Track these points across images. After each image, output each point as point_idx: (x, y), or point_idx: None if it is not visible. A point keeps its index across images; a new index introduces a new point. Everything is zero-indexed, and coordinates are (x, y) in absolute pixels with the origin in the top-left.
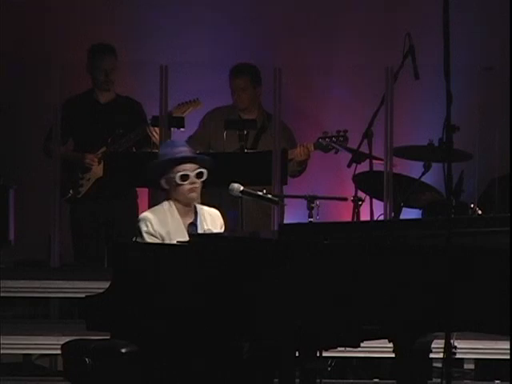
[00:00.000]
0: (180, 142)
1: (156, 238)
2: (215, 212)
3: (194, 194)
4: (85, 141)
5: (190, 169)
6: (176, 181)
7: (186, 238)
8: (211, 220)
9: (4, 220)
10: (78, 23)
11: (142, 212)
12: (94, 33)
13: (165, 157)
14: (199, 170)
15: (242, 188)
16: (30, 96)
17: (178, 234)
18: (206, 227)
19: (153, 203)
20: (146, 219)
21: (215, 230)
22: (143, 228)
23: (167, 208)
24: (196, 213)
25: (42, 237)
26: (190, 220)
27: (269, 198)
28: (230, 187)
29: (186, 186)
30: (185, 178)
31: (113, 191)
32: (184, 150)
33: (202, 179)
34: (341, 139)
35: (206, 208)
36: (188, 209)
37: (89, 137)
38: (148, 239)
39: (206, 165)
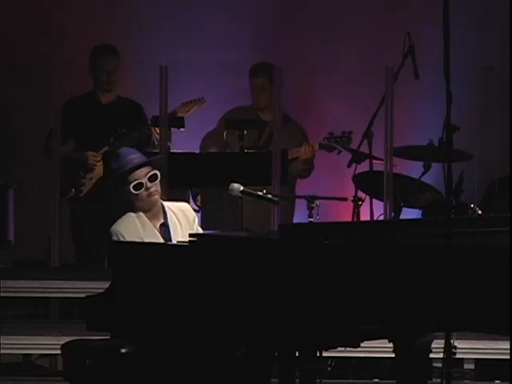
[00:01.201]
0: (127, 150)
1: None
2: (185, 206)
3: (154, 197)
4: (86, 141)
5: (141, 175)
6: (131, 191)
7: (161, 241)
8: (183, 215)
9: (4, 220)
10: (78, 23)
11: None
12: (94, 33)
13: (115, 172)
14: (151, 173)
15: (241, 188)
16: (30, 96)
17: (151, 239)
18: (178, 225)
19: None
20: (116, 233)
21: (188, 225)
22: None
23: (135, 216)
24: (165, 213)
25: (42, 237)
26: (161, 221)
27: (269, 198)
28: (230, 187)
29: (143, 193)
30: (139, 186)
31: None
32: (131, 158)
33: (157, 181)
34: (344, 139)
35: (174, 204)
36: (155, 211)
37: (90, 137)
38: None
39: (157, 165)
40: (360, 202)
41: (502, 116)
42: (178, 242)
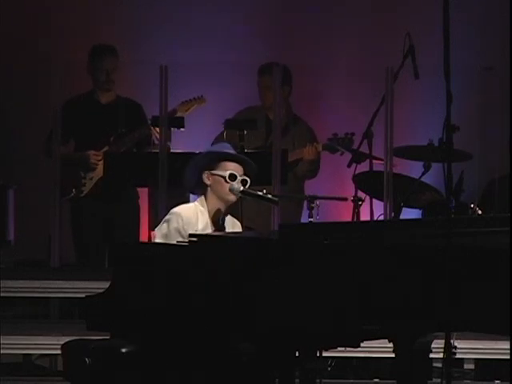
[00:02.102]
0: (229, 144)
1: (182, 236)
2: (238, 223)
3: (233, 197)
4: (86, 141)
5: (238, 171)
6: (225, 177)
7: None
8: (232, 228)
9: (4, 220)
10: (78, 23)
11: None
12: (94, 33)
13: (216, 152)
14: (244, 178)
15: (242, 188)
16: (30, 96)
17: None
18: None
19: (153, 203)
20: (179, 215)
21: None
22: (173, 224)
23: (199, 208)
24: (224, 218)
25: (42, 237)
26: (218, 223)
27: (269, 198)
28: (230, 187)
29: (230, 186)
30: (233, 177)
31: (113, 191)
32: (234, 152)
33: (245, 187)
34: (347, 141)
35: (231, 217)
36: (221, 210)
37: (90, 137)
38: (174, 235)
39: (250, 172)
40: (360, 202)
41: (502, 116)
42: (177, 241)
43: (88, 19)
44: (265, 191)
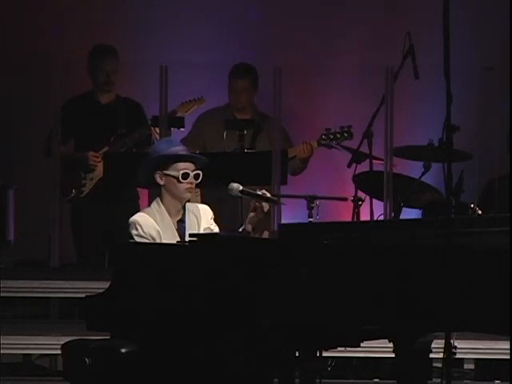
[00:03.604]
0: (177, 140)
1: (146, 239)
2: (204, 206)
3: (189, 195)
4: (86, 141)
5: (189, 168)
6: (178, 177)
7: (177, 237)
8: (203, 213)
9: (4, 220)
10: (79, 23)
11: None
12: (94, 33)
13: (164, 151)
14: (197, 172)
15: (241, 188)
16: (30, 96)
17: (168, 234)
18: (195, 223)
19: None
20: (135, 223)
21: (205, 222)
22: (133, 232)
23: (156, 209)
24: (184, 210)
25: (42, 237)
26: (179, 217)
27: (269, 198)
28: (230, 187)
29: (185, 184)
30: (185, 176)
31: (113, 191)
32: (183, 149)
33: (198, 181)
34: (345, 135)
35: (194, 203)
36: (178, 207)
37: (90, 137)
38: (138, 241)
39: (202, 166)
40: (360, 202)
41: (502, 116)
42: (177, 241)
43: (88, 19)
44: (265, 191)
